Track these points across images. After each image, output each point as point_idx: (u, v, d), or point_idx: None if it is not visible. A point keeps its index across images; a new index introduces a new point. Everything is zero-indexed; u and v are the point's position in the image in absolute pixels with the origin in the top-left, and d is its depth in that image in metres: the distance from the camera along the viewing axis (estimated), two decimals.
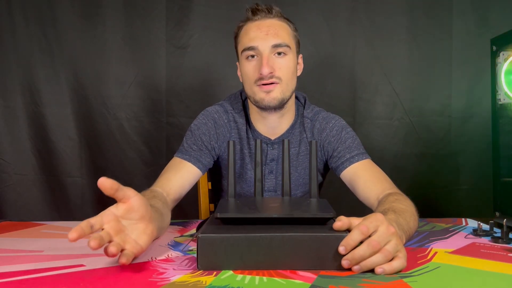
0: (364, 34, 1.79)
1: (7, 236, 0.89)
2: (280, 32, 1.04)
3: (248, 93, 1.07)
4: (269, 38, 1.02)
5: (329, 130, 1.12)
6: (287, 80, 1.04)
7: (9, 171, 1.74)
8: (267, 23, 1.04)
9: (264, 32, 1.03)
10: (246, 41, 1.04)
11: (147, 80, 1.77)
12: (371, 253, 0.62)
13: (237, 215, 0.70)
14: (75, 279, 0.61)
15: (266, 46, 1.02)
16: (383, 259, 0.62)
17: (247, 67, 1.04)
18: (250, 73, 1.04)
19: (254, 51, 1.03)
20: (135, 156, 1.78)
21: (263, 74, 1.00)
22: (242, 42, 1.06)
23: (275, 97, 1.02)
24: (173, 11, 1.76)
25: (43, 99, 1.74)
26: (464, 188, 1.82)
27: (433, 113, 1.81)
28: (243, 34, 1.07)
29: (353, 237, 0.62)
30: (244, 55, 1.05)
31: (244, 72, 1.06)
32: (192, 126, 1.12)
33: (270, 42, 1.02)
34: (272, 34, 1.03)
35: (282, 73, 1.03)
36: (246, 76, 1.05)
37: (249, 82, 1.05)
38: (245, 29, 1.07)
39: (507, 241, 0.82)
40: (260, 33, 1.03)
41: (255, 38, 1.03)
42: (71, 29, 1.73)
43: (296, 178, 1.13)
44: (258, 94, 1.03)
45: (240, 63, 1.08)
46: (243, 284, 0.58)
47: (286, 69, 1.03)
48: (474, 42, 1.78)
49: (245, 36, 1.05)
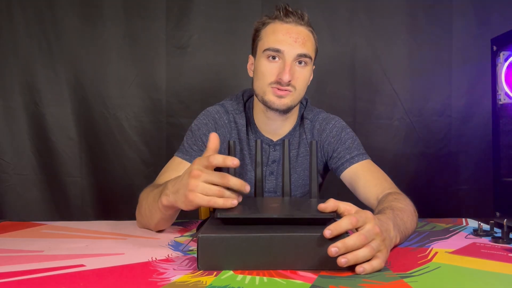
0: (364, 34, 1.79)
1: (7, 236, 0.89)
2: (307, 43, 1.03)
3: (257, 91, 1.05)
4: (297, 46, 1.00)
5: (329, 131, 1.12)
6: (300, 90, 1.04)
7: (9, 171, 1.74)
8: (297, 30, 1.02)
9: (293, 39, 1.01)
10: (272, 41, 1.02)
11: (147, 80, 1.77)
12: (359, 245, 0.61)
13: (237, 215, 0.70)
14: (75, 279, 0.61)
15: (292, 53, 1.00)
16: (368, 254, 0.62)
17: (265, 66, 1.02)
18: (268, 73, 1.02)
19: (278, 53, 1.01)
20: (135, 156, 1.77)
21: (283, 80, 0.99)
22: (268, 40, 1.03)
23: (285, 104, 1.02)
24: (173, 11, 1.76)
25: (43, 99, 1.74)
26: (464, 188, 1.82)
27: (433, 113, 1.81)
28: (270, 32, 1.03)
29: (342, 224, 0.62)
30: (266, 54, 1.02)
31: (260, 70, 1.03)
32: (193, 126, 1.11)
33: (296, 50, 1.00)
34: (300, 43, 1.01)
35: (298, 83, 1.02)
36: (261, 74, 1.03)
37: (263, 81, 1.03)
38: (272, 27, 1.03)
39: (508, 241, 0.82)
40: (289, 38, 1.01)
41: (283, 42, 1.00)
42: (71, 29, 1.73)
43: (296, 180, 1.13)
44: (269, 96, 1.02)
45: (258, 60, 1.05)
46: (243, 284, 0.58)
47: (303, 79, 1.03)
48: (474, 42, 1.78)
49: (272, 35, 1.02)
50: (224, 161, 0.70)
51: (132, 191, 1.71)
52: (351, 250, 0.61)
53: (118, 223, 1.01)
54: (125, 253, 0.74)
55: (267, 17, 1.06)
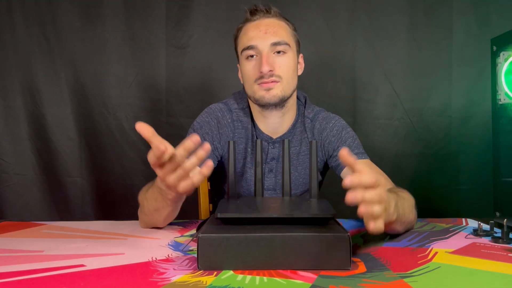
0: (364, 34, 1.79)
1: (7, 236, 0.89)
2: (279, 31, 1.04)
3: (248, 93, 1.07)
4: (268, 36, 1.02)
5: (330, 129, 1.12)
6: (287, 79, 1.04)
7: (9, 171, 1.74)
8: (266, 22, 1.05)
9: (262, 31, 1.03)
10: (245, 41, 1.04)
11: (147, 80, 1.77)
12: (376, 200, 0.59)
13: (237, 215, 0.70)
14: (75, 279, 0.61)
15: (265, 45, 1.02)
16: (380, 209, 0.59)
17: (247, 67, 1.05)
18: (250, 72, 1.04)
19: (253, 50, 1.03)
20: (135, 156, 1.77)
21: (263, 72, 1.00)
22: (242, 42, 1.06)
23: (275, 95, 1.02)
24: (173, 11, 1.76)
25: (43, 99, 1.74)
26: (464, 188, 1.82)
27: (433, 113, 1.81)
28: (242, 34, 1.07)
29: (363, 178, 0.59)
30: (244, 55, 1.05)
31: (244, 72, 1.06)
32: (195, 124, 1.11)
33: (269, 40, 1.02)
34: (271, 32, 1.03)
35: (282, 71, 1.03)
36: (246, 76, 1.05)
37: (249, 82, 1.05)
38: (244, 29, 1.07)
39: (508, 241, 0.82)
40: (259, 32, 1.03)
41: (254, 37, 1.03)
42: (71, 29, 1.73)
43: (296, 178, 1.13)
44: (258, 92, 1.03)
45: (240, 64, 1.09)
46: (243, 284, 0.58)
47: (286, 67, 1.03)
48: (474, 42, 1.78)
49: (244, 36, 1.06)
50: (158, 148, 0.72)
51: (132, 191, 1.71)
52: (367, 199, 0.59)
53: (118, 223, 1.01)
54: (125, 253, 0.74)
55: (240, 23, 1.09)
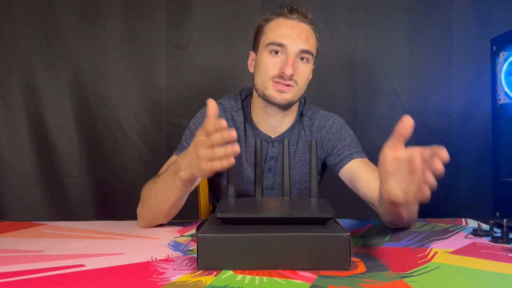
0: (364, 34, 1.79)
1: (7, 236, 0.89)
2: (310, 40, 1.04)
3: (258, 85, 1.05)
4: (300, 41, 1.02)
5: (329, 127, 1.12)
6: (301, 86, 1.05)
7: (9, 171, 1.74)
8: (301, 26, 1.04)
9: (296, 34, 1.02)
10: (276, 36, 1.03)
11: (147, 80, 1.77)
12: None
13: (237, 215, 0.70)
14: (75, 279, 0.61)
15: (296, 48, 1.01)
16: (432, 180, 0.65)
17: (268, 61, 1.03)
18: (270, 67, 1.02)
19: (281, 48, 1.02)
20: (135, 156, 1.78)
21: (286, 74, 1.00)
22: (271, 35, 1.04)
23: (287, 98, 1.03)
24: (173, 11, 1.76)
25: (43, 99, 1.74)
26: (464, 188, 1.82)
27: (433, 113, 1.81)
28: (273, 27, 1.04)
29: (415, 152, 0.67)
30: (269, 49, 1.03)
31: (262, 64, 1.04)
32: (191, 124, 1.12)
33: (300, 45, 1.02)
34: (303, 38, 1.02)
35: (300, 78, 1.03)
36: (263, 68, 1.03)
37: (265, 76, 1.03)
38: (276, 23, 1.05)
39: (507, 241, 0.82)
40: (292, 34, 1.02)
41: (287, 37, 1.02)
42: (71, 29, 1.73)
43: (293, 176, 1.13)
44: (269, 90, 1.03)
45: (260, 54, 1.06)
46: (243, 284, 0.58)
47: (304, 75, 1.04)
48: (474, 42, 1.78)
49: (276, 30, 1.04)
50: (214, 125, 0.72)
51: (132, 191, 1.71)
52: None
53: (118, 223, 1.01)
54: (125, 253, 0.74)
55: (270, 14, 1.07)
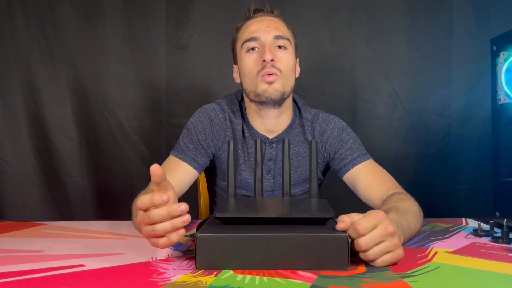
0: (364, 34, 1.79)
1: (7, 236, 0.89)
2: (281, 28, 1.06)
3: (248, 88, 1.05)
4: (271, 30, 1.03)
5: (330, 132, 1.12)
6: (286, 74, 1.03)
7: (9, 171, 1.74)
8: (269, 19, 1.07)
9: (265, 25, 1.04)
10: (247, 34, 1.05)
11: (147, 80, 1.77)
12: (373, 245, 0.65)
13: (236, 215, 0.70)
14: (75, 279, 0.61)
15: (268, 37, 1.03)
16: (380, 250, 0.65)
17: (248, 60, 1.03)
18: (251, 65, 1.03)
19: (256, 42, 1.03)
20: (135, 156, 1.77)
21: (266, 59, 0.99)
22: (243, 36, 1.06)
23: (277, 89, 1.01)
24: (173, 11, 1.76)
25: (43, 99, 1.74)
26: (464, 188, 1.82)
27: (433, 113, 1.81)
28: (243, 30, 1.07)
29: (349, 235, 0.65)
30: (245, 48, 1.04)
31: (244, 65, 1.04)
32: (189, 123, 1.11)
33: (271, 33, 1.03)
34: (273, 27, 1.04)
35: (283, 65, 1.02)
36: (247, 69, 1.04)
37: (250, 75, 1.03)
38: (245, 26, 1.08)
39: (507, 241, 0.82)
40: (261, 26, 1.04)
41: (257, 30, 1.04)
42: (71, 29, 1.73)
43: (296, 179, 1.13)
44: (260, 86, 1.02)
45: (240, 58, 1.07)
46: (243, 284, 0.58)
47: (286, 62, 1.03)
48: (474, 42, 1.77)
49: (246, 30, 1.06)
50: (152, 201, 0.65)
51: (132, 191, 1.70)
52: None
53: (118, 223, 1.01)
54: (125, 253, 0.75)
55: (240, 23, 1.11)
